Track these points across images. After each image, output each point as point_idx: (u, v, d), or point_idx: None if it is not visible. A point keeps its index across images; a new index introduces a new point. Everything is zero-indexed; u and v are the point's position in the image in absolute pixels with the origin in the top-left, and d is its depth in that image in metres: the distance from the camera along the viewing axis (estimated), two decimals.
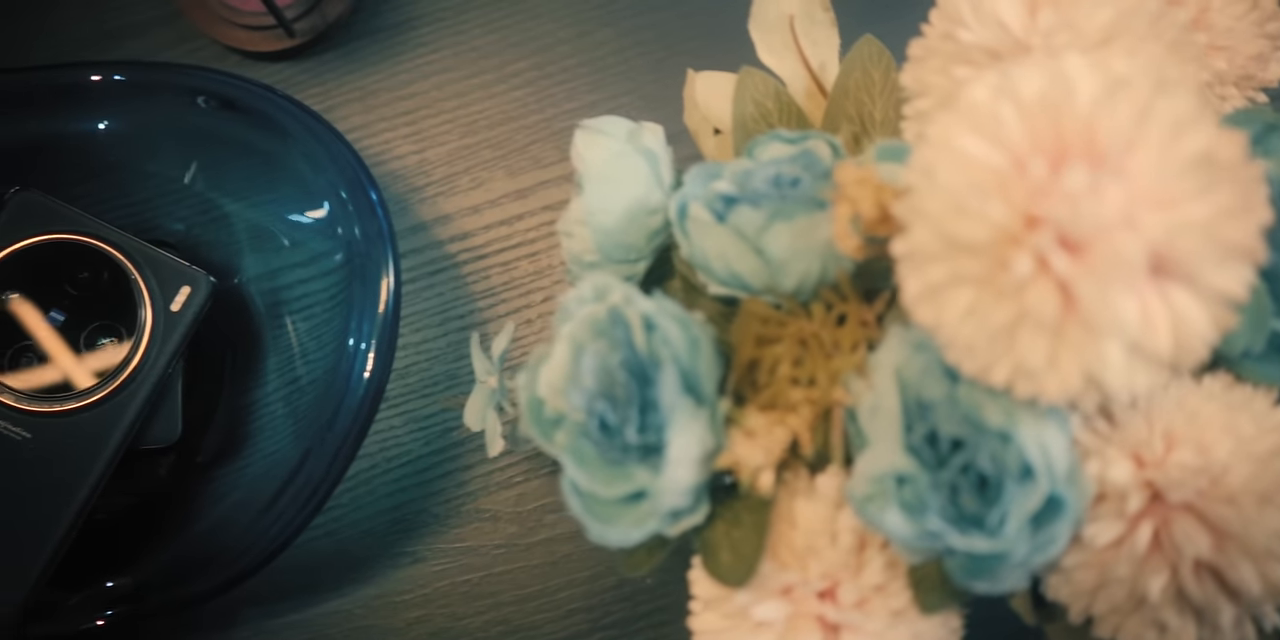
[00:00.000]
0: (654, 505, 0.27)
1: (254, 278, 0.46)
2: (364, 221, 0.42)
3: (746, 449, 0.26)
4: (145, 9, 0.51)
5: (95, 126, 0.46)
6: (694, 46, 0.51)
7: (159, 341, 0.41)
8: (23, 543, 0.39)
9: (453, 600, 0.45)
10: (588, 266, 0.34)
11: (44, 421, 0.40)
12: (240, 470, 0.45)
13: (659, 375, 0.27)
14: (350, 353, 0.41)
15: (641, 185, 0.33)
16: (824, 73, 0.36)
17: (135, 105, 0.46)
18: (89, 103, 0.45)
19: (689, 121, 0.37)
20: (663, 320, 0.28)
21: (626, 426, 0.28)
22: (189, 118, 0.46)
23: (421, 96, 0.50)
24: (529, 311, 0.48)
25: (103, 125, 0.46)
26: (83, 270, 0.41)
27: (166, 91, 0.45)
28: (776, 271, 0.29)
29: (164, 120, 0.46)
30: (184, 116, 0.46)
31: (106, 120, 0.46)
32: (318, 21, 0.50)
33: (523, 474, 0.46)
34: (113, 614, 0.41)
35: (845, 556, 0.27)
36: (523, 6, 0.51)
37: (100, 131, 0.46)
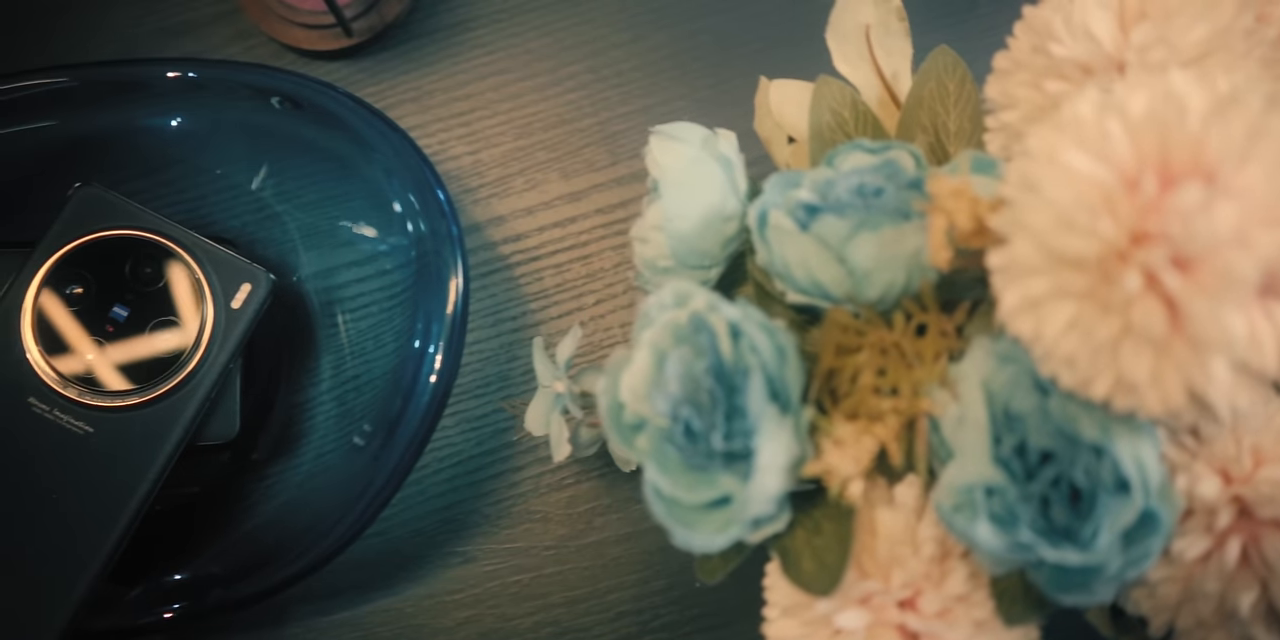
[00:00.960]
0: (738, 512, 0.27)
1: (309, 276, 0.46)
2: (431, 222, 0.42)
3: (837, 458, 0.26)
4: (204, 6, 0.51)
5: (154, 122, 0.46)
6: (748, 51, 0.51)
7: (220, 338, 0.41)
8: (82, 537, 0.39)
9: (502, 601, 0.45)
10: (661, 272, 0.34)
11: (106, 416, 0.40)
12: (293, 468, 0.45)
13: (746, 382, 0.27)
14: (416, 354, 0.41)
15: (717, 192, 0.34)
16: (896, 82, 0.36)
17: (199, 102, 0.46)
18: (151, 98, 0.46)
19: (760, 129, 0.37)
20: (749, 328, 0.28)
21: (713, 433, 0.28)
22: (251, 115, 0.46)
23: (477, 98, 0.50)
24: (581, 314, 0.48)
25: (161, 122, 0.46)
26: (145, 266, 0.41)
27: (234, 90, 0.45)
28: (860, 281, 0.29)
29: (225, 117, 0.46)
30: (246, 114, 0.46)
31: (166, 116, 0.46)
32: (375, 21, 0.50)
33: (574, 476, 0.46)
34: (169, 610, 0.41)
35: (928, 566, 0.27)
36: (578, 9, 0.51)
37: (157, 127, 0.46)
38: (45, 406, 0.40)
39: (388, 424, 0.41)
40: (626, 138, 0.50)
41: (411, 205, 0.43)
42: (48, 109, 0.45)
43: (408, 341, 0.42)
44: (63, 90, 0.45)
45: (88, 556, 0.39)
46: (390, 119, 0.43)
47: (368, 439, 0.42)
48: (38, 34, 0.51)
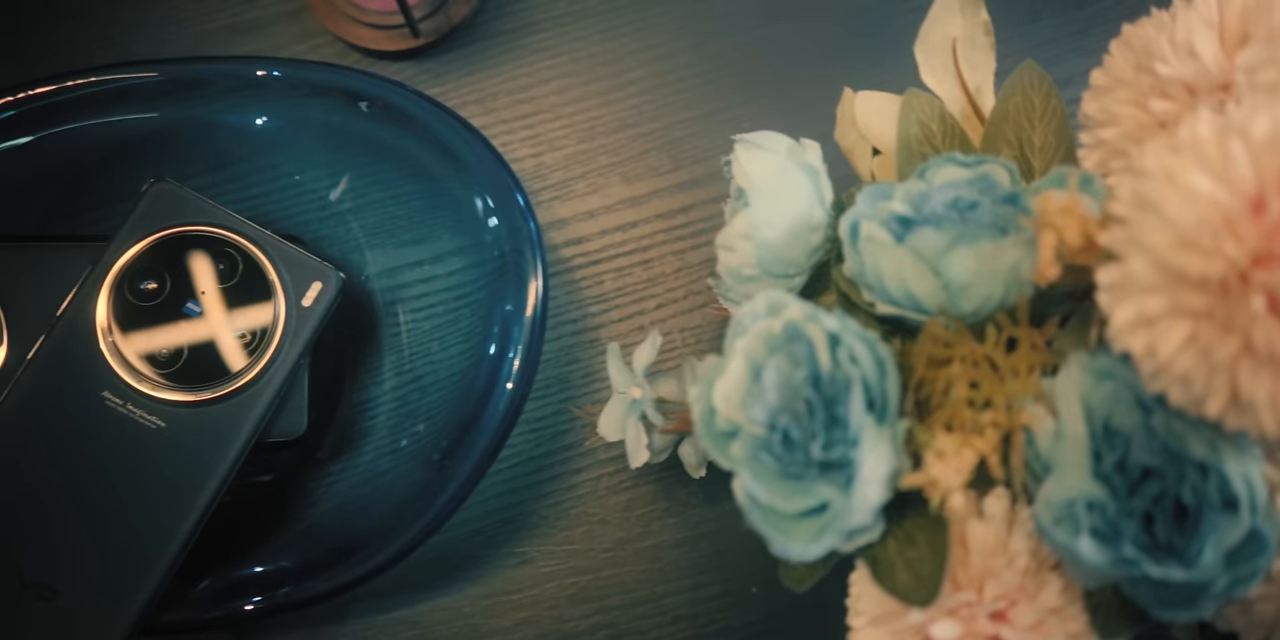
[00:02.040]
0: (834, 521, 0.28)
1: (373, 274, 0.47)
2: (509, 224, 0.42)
3: (940, 470, 0.27)
4: (271, 4, 0.51)
5: (220, 119, 0.46)
6: (808, 59, 0.51)
7: (290, 335, 0.41)
8: (154, 531, 0.39)
9: (559, 602, 0.45)
10: (745, 281, 0.35)
11: (178, 411, 0.40)
12: (356, 467, 0.45)
13: (847, 393, 0.28)
14: (492, 358, 0.41)
15: (805, 202, 0.34)
16: (979, 95, 0.36)
17: (269, 100, 0.46)
18: (221, 95, 0.46)
19: (842, 140, 0.37)
20: (850, 339, 0.28)
21: (812, 442, 0.28)
22: (318, 113, 0.46)
23: (540, 101, 0.51)
24: (641, 319, 0.48)
25: (227, 118, 0.46)
26: (219, 262, 0.41)
27: (307, 89, 0.45)
28: (956, 294, 0.30)
29: (293, 115, 0.46)
30: (314, 112, 0.46)
31: (233, 113, 0.46)
32: (442, 23, 0.50)
33: (631, 480, 0.46)
34: (230, 606, 0.41)
35: (1022, 579, 0.28)
36: (642, 15, 0.52)
37: (224, 123, 0.46)
38: (119, 400, 0.40)
39: (459, 428, 0.41)
40: (688, 143, 0.50)
41: (485, 207, 0.43)
42: (115, 104, 0.46)
43: (478, 344, 0.43)
44: (139, 85, 0.45)
45: (159, 551, 0.39)
46: (467, 121, 0.43)
47: (419, 440, 0.42)
48: (105, 28, 0.51)
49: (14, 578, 0.38)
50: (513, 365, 0.40)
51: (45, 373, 0.40)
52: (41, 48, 0.51)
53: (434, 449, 0.42)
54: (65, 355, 0.40)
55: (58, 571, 0.38)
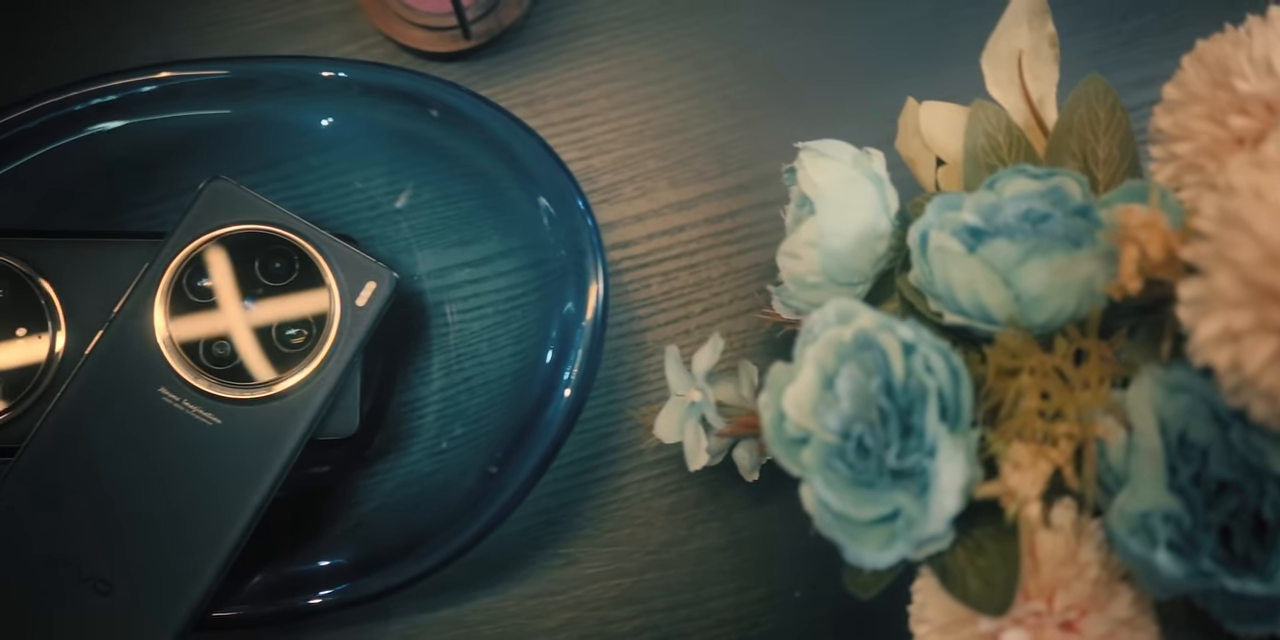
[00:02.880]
0: (907, 529, 0.28)
1: (421, 274, 0.47)
2: (567, 227, 0.42)
3: (1018, 480, 0.27)
4: (322, 4, 0.52)
5: (271, 117, 0.47)
6: (855, 67, 0.51)
7: (345, 335, 0.41)
8: (208, 527, 0.39)
9: (603, 604, 0.46)
10: (809, 288, 0.35)
11: (234, 408, 0.40)
12: (403, 467, 0.45)
13: (923, 403, 0.28)
14: (551, 362, 0.41)
15: (871, 210, 0.34)
16: (1041, 107, 0.37)
17: (321, 99, 0.46)
18: (271, 93, 0.46)
19: (904, 148, 0.38)
20: (925, 348, 0.28)
21: (886, 451, 0.28)
22: (371, 115, 0.46)
23: (589, 104, 0.51)
24: (687, 323, 0.49)
25: (279, 116, 0.47)
26: (275, 261, 0.42)
27: (360, 90, 0.45)
28: (1028, 306, 0.30)
29: (347, 115, 0.47)
30: (368, 113, 0.46)
31: (285, 111, 0.46)
32: (493, 25, 0.50)
33: (677, 483, 0.47)
34: (283, 605, 0.41)
35: (1093, 589, 0.28)
36: (692, 21, 0.52)
37: (275, 122, 0.47)
38: (175, 397, 0.40)
39: (514, 433, 0.41)
40: (735, 149, 0.51)
41: (542, 210, 0.43)
42: (165, 102, 0.46)
43: (531, 347, 0.43)
44: (190, 84, 0.45)
45: (212, 547, 0.39)
46: (526, 124, 0.43)
47: (468, 443, 0.43)
48: (155, 25, 0.51)
49: (72, 571, 0.38)
50: (572, 371, 0.40)
51: (102, 368, 0.40)
52: (95, 43, 0.51)
53: (486, 453, 0.43)
54: (122, 351, 0.40)
55: (113, 566, 0.38)
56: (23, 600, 0.38)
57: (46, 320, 0.41)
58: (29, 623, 0.38)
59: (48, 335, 0.41)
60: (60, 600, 0.38)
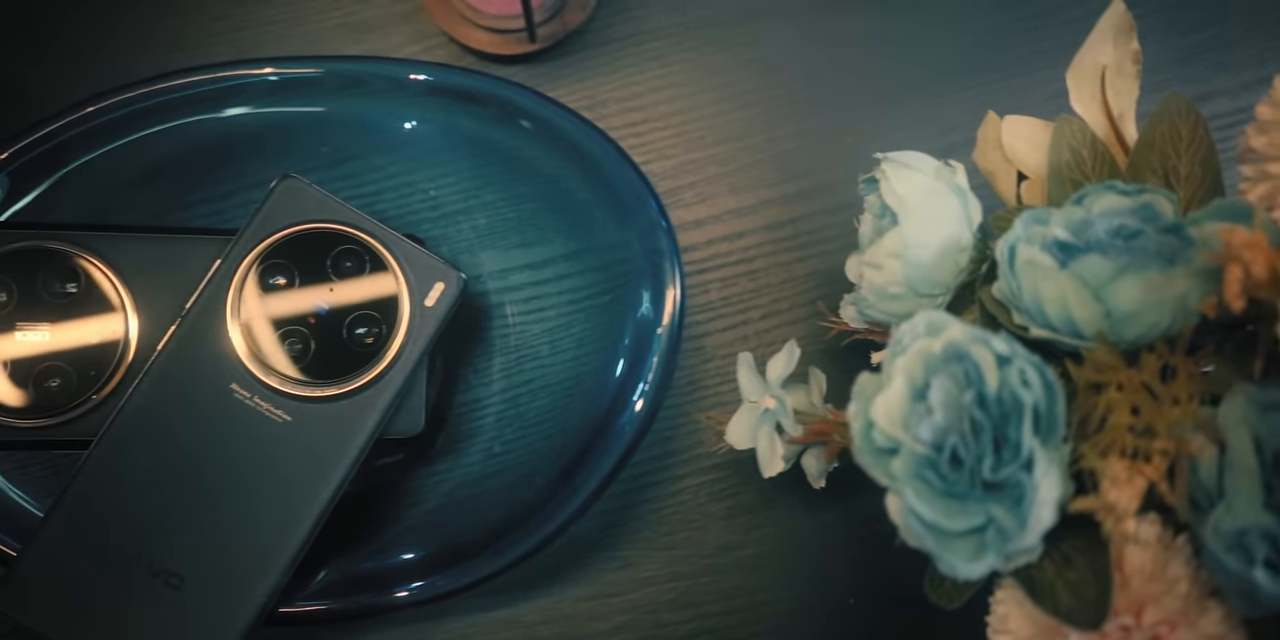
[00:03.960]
0: (999, 541, 0.28)
1: (483, 275, 0.47)
2: (640, 230, 0.42)
3: (1116, 495, 0.27)
4: (387, 4, 0.52)
5: (343, 116, 0.47)
6: (915, 79, 0.51)
7: (413, 335, 0.42)
8: (278, 524, 0.40)
9: (659, 607, 0.46)
10: (890, 299, 0.35)
11: (304, 406, 0.40)
12: (463, 467, 0.45)
13: (1019, 416, 0.28)
14: (623, 368, 0.41)
15: (955, 223, 0.34)
16: (1121, 122, 0.37)
17: (389, 99, 0.47)
18: (335, 93, 0.46)
19: (983, 161, 0.38)
20: (1022, 362, 0.29)
21: (981, 463, 0.28)
22: (444, 116, 0.47)
23: (650, 109, 0.51)
24: (745, 328, 0.49)
25: (346, 116, 0.47)
26: (346, 260, 0.42)
27: (424, 89, 0.45)
28: (1120, 322, 0.30)
29: (412, 115, 0.47)
30: (440, 115, 0.47)
31: (352, 111, 0.47)
32: (557, 28, 0.51)
33: (733, 487, 0.47)
34: (343, 602, 0.42)
35: (1184, 604, 0.28)
36: (754, 27, 0.52)
37: (342, 120, 0.47)
38: (246, 393, 0.40)
39: (583, 437, 0.41)
40: (796, 156, 0.51)
41: (612, 214, 0.43)
42: (228, 100, 0.46)
43: (596, 351, 0.43)
44: (253, 83, 0.46)
45: (281, 544, 0.39)
46: (599, 128, 0.44)
47: (530, 445, 0.43)
48: (217, 22, 0.52)
49: (143, 564, 0.39)
50: (647, 378, 0.40)
51: (174, 364, 0.40)
52: (156, 39, 0.51)
53: (548, 457, 0.43)
54: (194, 347, 0.40)
55: (184, 560, 0.39)
56: (95, 592, 0.38)
57: (120, 315, 0.41)
58: (101, 614, 0.38)
59: (121, 330, 0.41)
60: (132, 593, 0.38)
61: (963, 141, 0.51)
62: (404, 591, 0.42)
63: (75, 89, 0.50)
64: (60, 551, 0.39)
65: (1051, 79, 0.51)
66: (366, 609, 0.41)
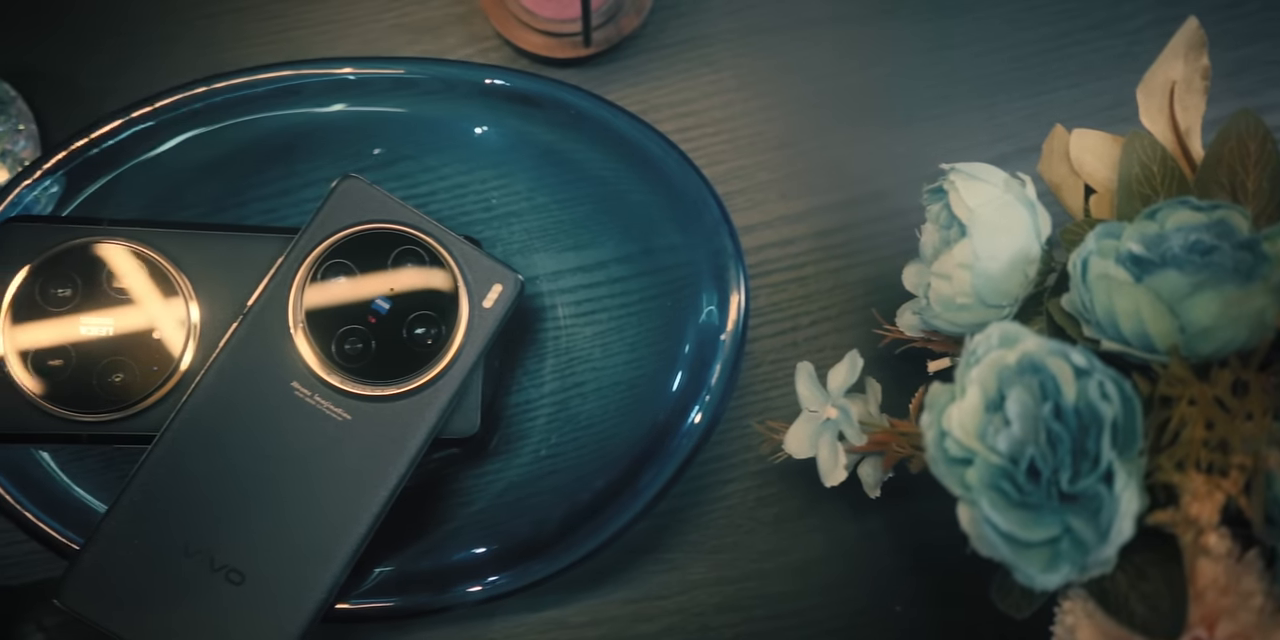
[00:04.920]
0: (1075, 552, 0.28)
1: (536, 277, 0.47)
2: (703, 237, 0.43)
3: (1197, 508, 0.27)
4: (442, 6, 0.52)
5: (396, 116, 0.47)
6: (966, 88, 0.52)
7: (471, 336, 0.42)
8: (336, 522, 0.40)
9: (706, 610, 0.46)
10: (958, 309, 0.35)
11: (363, 404, 0.41)
12: (513, 468, 0.46)
13: (1097, 428, 0.28)
14: (684, 373, 0.41)
15: (1025, 235, 0.34)
16: (1187, 137, 0.37)
17: (444, 100, 0.47)
18: (385, 93, 0.47)
19: (1048, 174, 0.38)
20: (1101, 375, 0.29)
21: (1059, 475, 0.29)
22: (500, 118, 0.47)
23: (702, 115, 0.51)
24: (794, 335, 0.49)
25: (400, 116, 0.47)
26: (407, 261, 0.42)
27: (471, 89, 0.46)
28: (1195, 337, 0.30)
29: (465, 117, 0.47)
30: (496, 116, 0.47)
31: (405, 111, 0.47)
32: (612, 33, 0.51)
33: (780, 493, 0.47)
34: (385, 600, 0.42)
35: (1258, 618, 0.28)
36: (807, 34, 0.52)
37: (399, 121, 0.47)
38: (307, 391, 0.41)
39: (642, 442, 0.41)
40: (846, 163, 0.51)
41: (668, 216, 0.43)
42: (285, 99, 0.47)
43: (649, 355, 0.43)
44: (310, 83, 0.46)
45: (340, 541, 0.40)
46: (660, 131, 0.44)
47: (582, 448, 0.43)
48: (279, 21, 0.52)
49: (205, 559, 0.39)
50: (710, 383, 0.41)
51: (236, 361, 0.41)
52: (211, 38, 0.52)
53: (600, 459, 0.43)
54: (256, 345, 0.41)
55: (245, 556, 0.39)
56: (156, 587, 0.39)
57: (183, 311, 0.42)
58: (162, 609, 0.38)
59: (183, 326, 0.42)
60: (193, 588, 0.39)
61: (1014, 152, 0.51)
62: (468, 590, 0.42)
63: (130, 87, 0.51)
64: (122, 546, 0.39)
65: (1103, 90, 0.52)
66: (423, 607, 0.42)
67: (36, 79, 0.51)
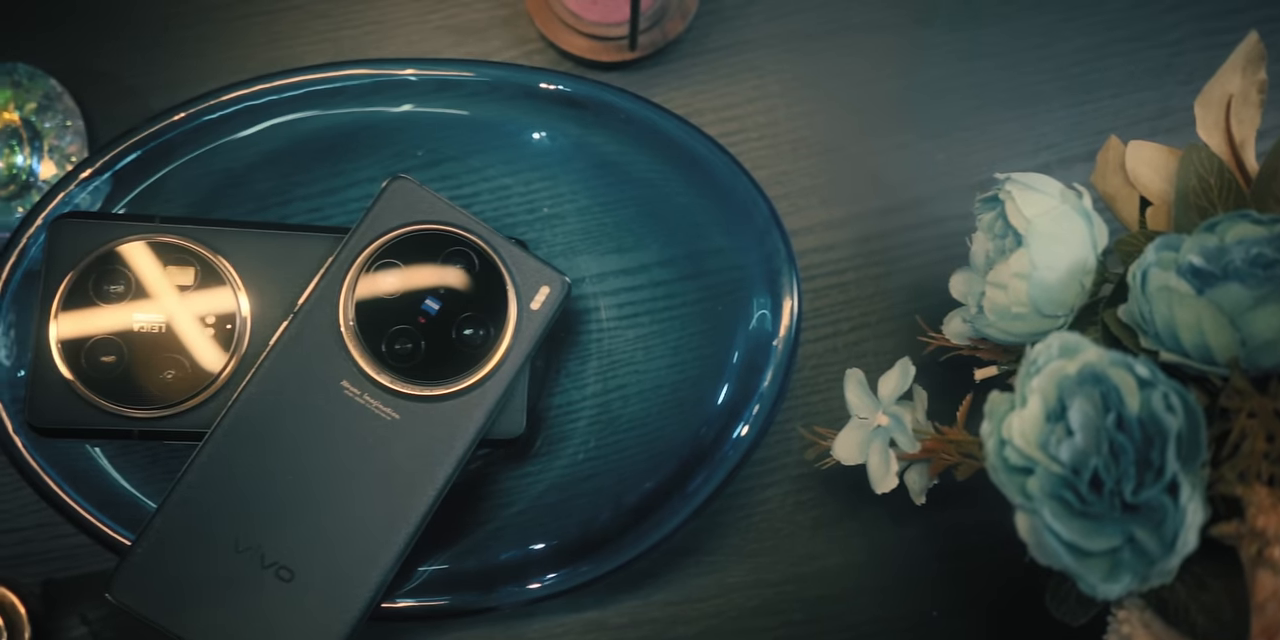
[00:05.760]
0: (1138, 562, 0.29)
1: (580, 279, 0.48)
2: (754, 240, 0.43)
3: (1264, 521, 0.28)
4: (490, 8, 0.52)
5: (441, 117, 0.47)
6: (1007, 98, 0.52)
7: (520, 337, 0.42)
8: (384, 521, 0.40)
9: (744, 613, 0.46)
10: (1012, 319, 0.35)
11: (412, 404, 0.41)
12: (554, 470, 0.46)
13: (1162, 439, 0.29)
14: (734, 378, 0.41)
15: (1082, 246, 0.35)
16: (1242, 150, 0.37)
17: (487, 102, 0.47)
18: (444, 94, 0.47)
19: (1102, 185, 0.38)
20: (1165, 387, 0.29)
21: (1123, 485, 0.29)
22: (545, 121, 0.47)
23: (744, 120, 0.52)
24: (835, 341, 0.49)
25: (445, 118, 0.47)
26: (457, 262, 0.42)
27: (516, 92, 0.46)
28: (1257, 350, 0.30)
29: (508, 119, 0.47)
30: (541, 119, 0.47)
31: (456, 112, 0.47)
32: (657, 37, 0.51)
33: (819, 497, 0.47)
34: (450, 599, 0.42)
35: None
36: (849, 41, 0.52)
37: (443, 122, 0.47)
38: (356, 390, 0.41)
39: (695, 445, 0.42)
40: (888, 170, 0.51)
41: (715, 220, 0.43)
42: (330, 99, 0.47)
43: (692, 359, 0.43)
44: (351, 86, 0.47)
45: (389, 540, 0.40)
46: (709, 135, 0.44)
47: (623, 452, 0.43)
48: (325, 21, 0.52)
49: (255, 556, 0.39)
50: (761, 388, 0.41)
51: (286, 360, 0.41)
52: (258, 36, 0.52)
53: (644, 462, 0.43)
54: (306, 343, 0.41)
55: (295, 553, 0.39)
56: (206, 583, 0.39)
57: (234, 309, 0.42)
58: (212, 605, 0.39)
59: (235, 324, 0.42)
60: (243, 584, 0.39)
61: (1056, 161, 0.51)
62: (526, 586, 0.42)
63: (175, 84, 0.51)
64: (173, 542, 0.39)
65: (1146, 101, 0.52)
66: (469, 607, 0.42)
67: (82, 76, 0.51)
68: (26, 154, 0.50)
